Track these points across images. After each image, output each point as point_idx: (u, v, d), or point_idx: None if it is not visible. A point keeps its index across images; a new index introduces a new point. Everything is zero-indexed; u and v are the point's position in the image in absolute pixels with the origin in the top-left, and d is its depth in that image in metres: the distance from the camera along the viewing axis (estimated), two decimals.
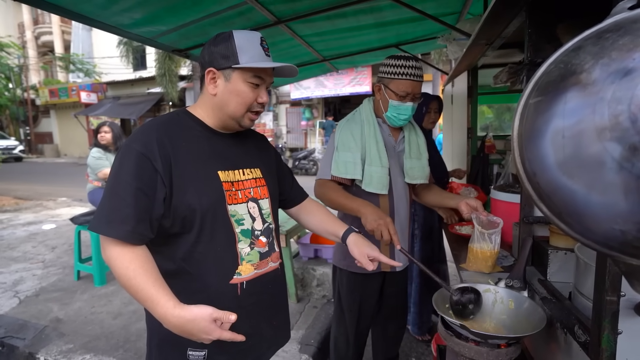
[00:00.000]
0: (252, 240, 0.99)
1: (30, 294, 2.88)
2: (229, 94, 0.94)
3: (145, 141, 0.88)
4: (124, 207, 0.84)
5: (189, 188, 0.90)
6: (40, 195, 7.64)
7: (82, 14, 1.77)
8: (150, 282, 0.83)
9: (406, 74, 1.39)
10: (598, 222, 0.55)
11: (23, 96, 19.66)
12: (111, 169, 0.89)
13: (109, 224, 0.84)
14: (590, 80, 0.53)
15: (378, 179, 1.44)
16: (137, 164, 0.85)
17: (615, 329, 0.73)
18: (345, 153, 1.45)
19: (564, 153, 0.56)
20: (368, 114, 1.51)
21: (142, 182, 0.85)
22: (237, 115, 0.96)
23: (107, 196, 0.86)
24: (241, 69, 0.92)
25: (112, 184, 0.86)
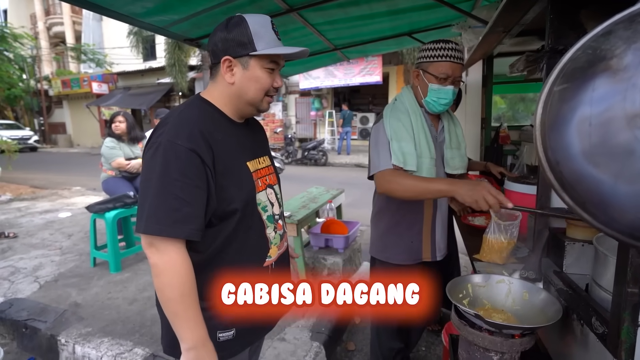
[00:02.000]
0: (275, 224, 1.05)
1: (49, 279, 2.98)
2: (248, 81, 0.94)
3: (189, 136, 0.85)
4: (184, 205, 0.82)
5: (230, 181, 0.91)
6: (56, 184, 7.82)
7: (95, 3, 1.77)
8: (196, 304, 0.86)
9: (446, 56, 1.36)
10: (624, 212, 0.54)
11: (37, 87, 19.96)
12: (151, 168, 0.84)
13: (174, 225, 0.82)
14: (621, 66, 0.52)
15: (427, 171, 1.41)
16: (187, 160, 0.83)
17: (636, 321, 0.72)
18: (401, 143, 1.37)
19: (590, 141, 0.55)
20: (412, 103, 1.46)
21: (197, 178, 0.84)
22: (256, 100, 0.96)
23: (159, 196, 0.82)
24: (258, 56, 0.92)
25: (163, 183, 0.82)
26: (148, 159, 0.86)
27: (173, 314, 0.85)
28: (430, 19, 2.95)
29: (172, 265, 0.83)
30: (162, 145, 0.84)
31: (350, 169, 9.96)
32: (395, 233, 1.54)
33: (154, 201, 0.82)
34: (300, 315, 2.38)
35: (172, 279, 0.83)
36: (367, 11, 2.53)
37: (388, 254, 1.56)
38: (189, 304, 0.85)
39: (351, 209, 4.84)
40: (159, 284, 0.84)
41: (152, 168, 0.84)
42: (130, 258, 3.36)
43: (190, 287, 0.85)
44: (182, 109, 0.94)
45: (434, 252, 1.56)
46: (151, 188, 0.83)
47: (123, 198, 3.23)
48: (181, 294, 0.84)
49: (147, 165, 0.85)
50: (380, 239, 1.59)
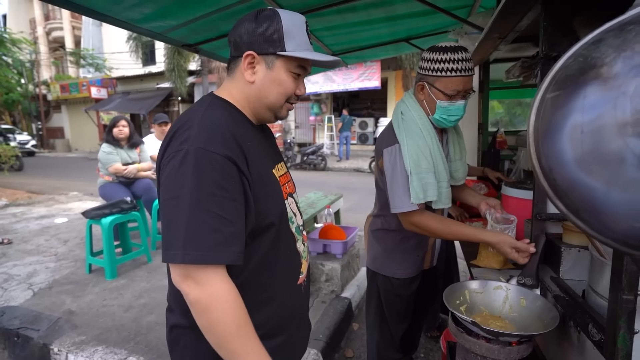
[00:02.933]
0: (302, 237, 0.94)
1: (43, 286, 2.95)
2: (271, 83, 0.82)
3: (223, 141, 0.72)
4: (226, 225, 0.69)
5: (265, 191, 0.80)
6: (53, 189, 7.79)
7: (93, 9, 1.79)
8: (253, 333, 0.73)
9: (455, 69, 1.22)
10: (617, 220, 0.54)
11: (35, 91, 19.98)
12: (178, 181, 0.69)
13: (216, 249, 0.68)
14: (611, 74, 0.52)
15: (446, 195, 1.34)
16: (224, 170, 0.70)
17: (632, 329, 0.72)
18: (421, 175, 1.27)
19: (582, 149, 0.55)
20: (423, 119, 1.32)
21: (235, 191, 0.72)
22: (276, 106, 0.85)
23: (195, 216, 0.68)
24: (286, 57, 0.81)
25: (197, 199, 0.68)
26: (173, 170, 0.70)
27: (231, 352, 0.70)
28: (427, 25, 2.98)
29: (219, 297, 0.69)
30: (190, 153, 0.69)
31: (349, 173, 9.96)
32: (403, 250, 1.51)
33: (188, 223, 0.68)
34: None
35: (224, 314, 0.69)
36: (365, 17, 2.55)
37: (394, 270, 1.53)
38: (247, 336, 0.71)
39: (350, 213, 4.84)
40: (207, 323, 0.70)
41: (181, 182, 0.69)
42: (127, 264, 3.34)
43: (244, 316, 0.72)
44: (203, 110, 0.79)
45: (432, 260, 1.60)
46: (182, 206, 0.68)
47: (120, 204, 3.21)
48: (237, 328, 0.70)
49: (173, 178, 0.70)
50: (385, 254, 1.54)
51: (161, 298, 2.70)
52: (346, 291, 2.80)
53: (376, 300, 1.64)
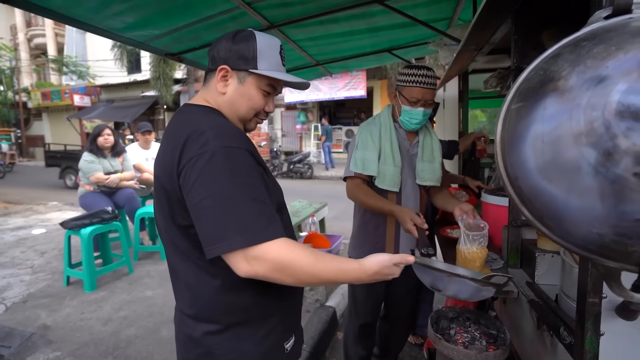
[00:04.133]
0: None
1: (17, 301, 2.83)
2: (240, 97, 0.90)
3: (240, 137, 0.83)
4: (265, 206, 0.77)
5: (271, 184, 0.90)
6: (31, 199, 7.54)
7: (74, 17, 1.77)
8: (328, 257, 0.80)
9: (417, 82, 1.49)
10: (577, 226, 0.56)
11: (15, 99, 19.44)
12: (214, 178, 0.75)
13: (268, 228, 0.75)
14: (567, 87, 0.55)
15: (390, 177, 1.53)
16: (249, 162, 0.80)
17: (598, 331, 0.74)
18: (364, 151, 1.56)
19: (543, 158, 0.58)
20: (386, 118, 1.61)
21: (260, 178, 0.82)
22: (246, 118, 0.93)
23: (239, 204, 0.74)
24: (257, 75, 0.89)
25: (236, 189, 0.75)
26: (203, 171, 0.75)
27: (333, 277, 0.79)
28: (408, 36, 3.06)
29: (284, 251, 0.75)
30: (217, 151, 0.76)
31: (335, 182, 9.99)
32: (364, 232, 1.65)
33: (235, 213, 0.73)
34: None
35: (300, 260, 0.75)
36: (347, 28, 2.61)
37: (357, 252, 1.66)
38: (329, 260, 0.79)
39: (336, 222, 4.84)
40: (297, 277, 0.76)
41: (215, 179, 0.74)
42: (107, 276, 3.24)
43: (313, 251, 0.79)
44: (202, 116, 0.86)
45: None
46: (223, 200, 0.74)
47: (100, 214, 3.14)
48: (316, 261, 0.76)
49: (205, 177, 0.75)
50: (353, 237, 1.71)
51: (142, 310, 2.63)
52: (330, 300, 2.79)
53: (351, 286, 1.76)
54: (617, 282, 0.58)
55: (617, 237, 0.52)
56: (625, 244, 0.52)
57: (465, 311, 1.26)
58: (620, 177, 0.48)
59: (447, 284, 0.97)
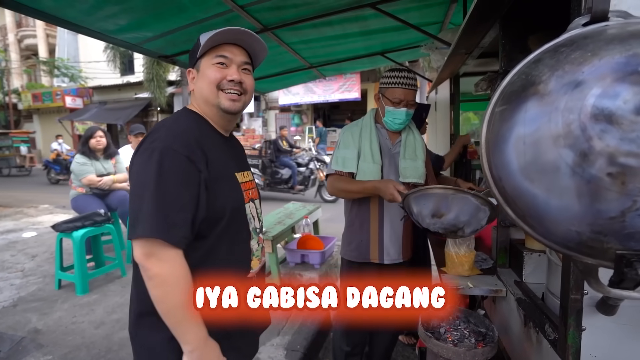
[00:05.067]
0: (257, 237, 1.06)
1: (7, 305, 2.79)
2: (200, 81, 0.96)
3: (186, 142, 0.87)
4: (177, 211, 0.82)
5: (220, 190, 0.92)
6: (21, 202, 7.43)
7: (66, 19, 1.77)
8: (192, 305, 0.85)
9: (398, 83, 1.55)
10: (557, 224, 0.58)
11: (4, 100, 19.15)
12: (146, 171, 0.83)
13: (168, 229, 0.81)
14: (547, 91, 0.57)
15: (370, 174, 1.58)
16: (183, 167, 0.84)
17: (580, 326, 0.77)
18: (344, 150, 1.64)
19: (525, 159, 0.60)
20: (367, 120, 1.69)
21: (191, 186, 0.85)
22: (211, 97, 0.96)
23: (155, 200, 0.81)
24: (206, 56, 0.96)
25: (159, 187, 0.82)
26: (142, 164, 0.85)
27: (177, 321, 0.85)
28: (401, 39, 3.10)
29: (174, 272, 0.83)
30: (157, 150, 0.84)
31: None
32: (351, 231, 1.70)
33: (150, 206, 0.81)
34: (275, 332, 2.34)
35: (176, 287, 0.83)
36: (340, 31, 2.63)
37: (344, 250, 1.72)
38: (191, 307, 0.85)
39: (330, 224, 4.85)
40: (161, 294, 0.83)
41: (147, 173, 0.83)
42: (100, 279, 3.21)
43: (191, 292, 0.86)
44: (174, 118, 0.96)
45: (381, 255, 1.64)
46: (146, 193, 0.82)
47: (93, 216, 3.11)
48: (186, 300, 0.84)
49: (141, 170, 0.84)
50: (343, 236, 1.76)
51: None
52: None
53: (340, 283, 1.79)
54: (595, 278, 0.60)
55: (594, 234, 0.54)
56: (601, 241, 0.54)
57: (456, 310, 1.28)
58: (595, 177, 0.51)
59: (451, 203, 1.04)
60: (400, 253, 1.65)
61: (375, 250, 1.63)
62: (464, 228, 1.13)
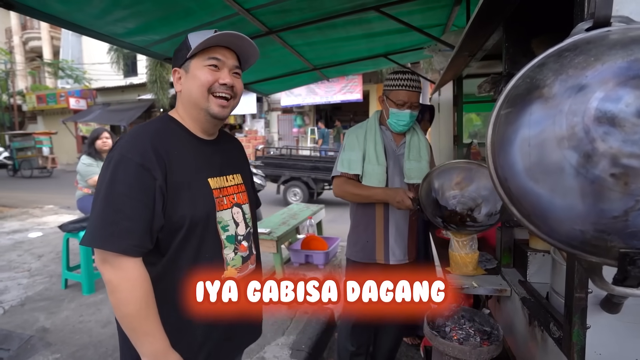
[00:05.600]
0: (235, 245, 1.00)
1: (15, 304, 2.83)
2: (190, 82, 0.93)
3: (141, 150, 0.85)
4: (125, 220, 0.82)
5: (183, 197, 0.89)
6: (27, 202, 7.50)
7: (75, 23, 1.80)
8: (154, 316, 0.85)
9: (402, 85, 1.57)
10: (561, 223, 0.60)
11: (9, 102, 19.31)
12: (102, 179, 0.85)
13: (111, 238, 0.81)
14: (551, 94, 0.59)
15: (375, 176, 1.61)
16: (135, 176, 0.83)
17: (584, 324, 0.78)
18: (349, 152, 1.66)
19: (530, 160, 0.62)
20: (372, 122, 1.71)
21: (142, 194, 0.83)
22: (201, 101, 0.93)
23: (103, 209, 0.82)
24: (197, 58, 0.93)
25: (108, 196, 0.82)
26: (101, 172, 0.86)
27: (131, 329, 0.85)
28: (404, 41, 3.12)
29: (126, 280, 0.83)
30: (113, 159, 0.85)
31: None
32: (356, 232, 1.71)
33: (97, 213, 0.83)
34: (280, 332, 2.35)
35: (128, 295, 0.83)
36: (343, 34, 2.66)
37: (350, 251, 1.73)
38: (146, 317, 0.84)
39: (333, 224, 4.87)
40: (115, 301, 0.83)
41: (102, 180, 0.85)
42: None
43: (148, 300, 0.85)
44: (143, 124, 0.95)
45: (387, 255, 1.65)
46: (97, 201, 0.83)
47: None
48: (138, 309, 0.83)
49: (100, 178, 0.86)
50: (348, 237, 1.77)
51: None
52: None
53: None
54: (599, 276, 0.62)
55: (597, 233, 0.56)
56: (605, 240, 0.56)
57: (461, 309, 1.30)
58: (599, 178, 0.52)
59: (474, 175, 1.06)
60: (405, 254, 1.66)
61: (381, 251, 1.64)
62: (481, 206, 1.15)
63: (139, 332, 0.85)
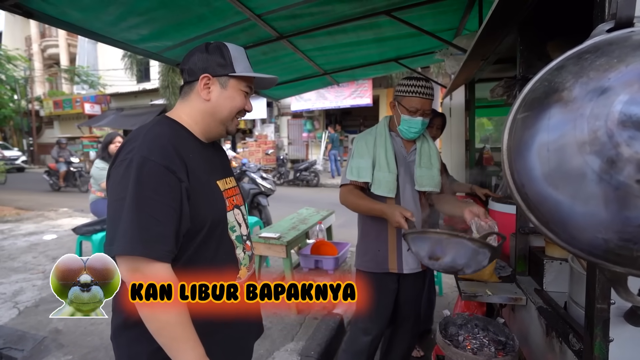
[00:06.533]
0: (243, 245, 1.02)
1: (30, 305, 2.88)
2: (225, 100, 0.96)
3: (164, 153, 0.84)
4: (157, 225, 0.80)
5: (202, 199, 0.90)
6: (42, 205, 7.67)
7: (92, 30, 1.84)
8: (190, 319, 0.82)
9: (416, 92, 1.53)
10: (582, 231, 0.58)
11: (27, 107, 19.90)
12: (124, 185, 0.80)
13: (145, 244, 0.78)
14: (571, 98, 0.57)
15: (386, 184, 1.56)
16: (162, 178, 0.82)
17: (607, 337, 0.75)
18: (359, 159, 1.61)
19: (549, 165, 0.60)
20: (382, 128, 1.67)
21: (170, 197, 0.82)
22: (228, 119, 0.99)
23: (133, 214, 0.78)
24: (236, 78, 0.97)
25: (136, 200, 0.79)
26: (119, 176, 0.82)
27: (172, 339, 0.81)
28: (415, 46, 3.10)
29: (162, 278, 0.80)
30: (134, 161, 0.81)
31: None
32: (366, 241, 1.66)
33: (129, 221, 0.78)
34: (289, 337, 2.34)
35: (167, 303, 0.79)
36: (354, 38, 2.65)
37: (360, 261, 1.68)
38: (186, 324, 0.82)
39: (342, 229, 4.84)
40: (151, 312, 0.79)
41: (124, 185, 0.80)
42: None
43: (185, 307, 0.83)
44: (150, 126, 0.92)
45: (400, 264, 1.60)
46: (125, 207, 0.79)
47: None
48: (178, 315, 0.81)
49: (118, 182, 0.82)
50: (357, 248, 1.72)
51: None
52: (338, 307, 2.79)
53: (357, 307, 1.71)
54: (624, 287, 0.59)
55: (622, 242, 0.53)
56: (631, 249, 0.53)
57: (474, 318, 1.27)
58: (624, 184, 0.50)
59: (445, 247, 1.00)
60: (419, 262, 1.61)
61: (394, 260, 1.60)
62: (463, 269, 1.08)
63: (180, 340, 0.81)
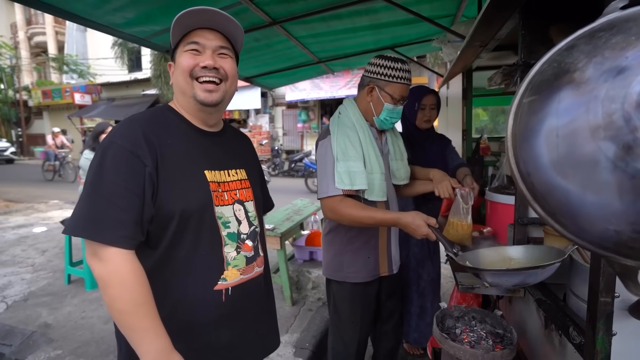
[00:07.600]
0: (238, 244, 0.94)
1: (18, 299, 2.82)
2: (176, 72, 0.92)
3: (131, 137, 0.81)
4: (113, 208, 0.77)
5: (174, 187, 0.84)
6: (32, 197, 7.54)
7: (74, 12, 1.75)
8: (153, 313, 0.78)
9: (403, 78, 1.36)
10: (592, 222, 0.54)
11: (15, 97, 19.45)
12: (91, 168, 0.80)
13: (99, 228, 0.76)
14: (583, 79, 0.53)
15: (379, 186, 1.38)
16: (124, 162, 0.79)
17: (610, 330, 0.73)
18: (347, 162, 1.31)
19: (558, 152, 0.56)
20: (359, 118, 1.42)
21: (132, 182, 0.79)
22: (187, 89, 0.90)
23: (89, 196, 0.78)
24: (179, 45, 0.91)
25: (95, 182, 0.78)
26: (92, 159, 0.82)
27: (128, 328, 0.77)
28: (412, 33, 3.03)
29: (117, 274, 0.76)
30: (102, 146, 0.81)
31: None
32: (351, 250, 1.44)
33: (83, 203, 0.78)
34: (284, 330, 2.32)
35: (121, 290, 0.76)
36: (349, 25, 2.58)
37: (345, 273, 1.45)
38: (145, 314, 0.77)
39: None
40: (107, 298, 0.77)
41: (90, 168, 0.81)
42: None
43: (144, 295, 0.78)
44: (138, 113, 0.91)
45: (390, 266, 1.51)
46: (86, 190, 0.79)
47: None
48: (133, 305, 0.76)
49: (90, 167, 0.82)
50: (334, 258, 1.48)
51: None
52: None
53: (334, 306, 1.53)
54: (634, 281, 0.56)
55: (636, 234, 0.50)
56: None
57: (471, 310, 1.25)
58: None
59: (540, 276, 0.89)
60: (399, 258, 1.56)
61: (385, 264, 1.49)
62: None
63: (136, 330, 0.77)
